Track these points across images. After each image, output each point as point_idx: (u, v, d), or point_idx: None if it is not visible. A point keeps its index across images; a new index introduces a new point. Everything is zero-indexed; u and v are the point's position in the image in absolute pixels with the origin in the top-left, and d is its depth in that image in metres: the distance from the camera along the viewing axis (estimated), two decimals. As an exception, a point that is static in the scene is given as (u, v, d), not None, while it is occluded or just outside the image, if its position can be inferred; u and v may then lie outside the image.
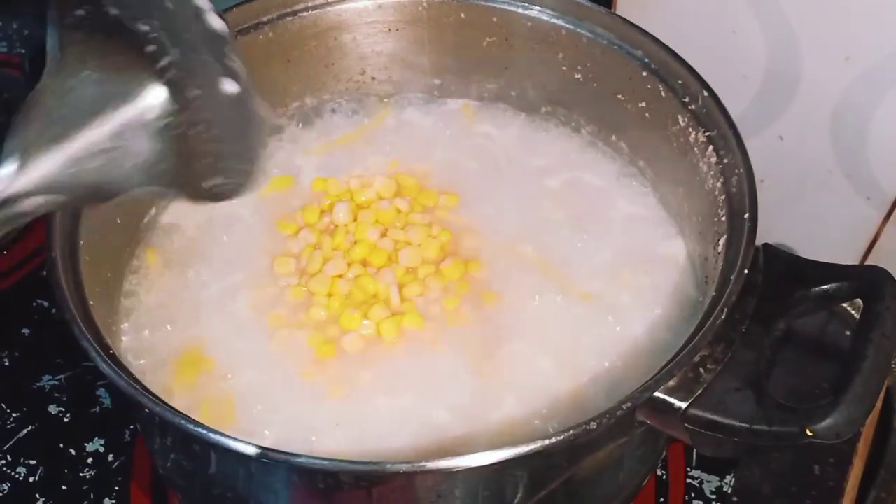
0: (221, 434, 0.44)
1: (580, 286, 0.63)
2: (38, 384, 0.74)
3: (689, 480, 0.71)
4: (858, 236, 0.81)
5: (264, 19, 0.67)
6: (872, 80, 0.70)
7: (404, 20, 0.70)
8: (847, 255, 0.83)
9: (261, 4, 0.67)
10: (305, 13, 0.68)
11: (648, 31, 0.64)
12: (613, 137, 0.70)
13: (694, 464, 0.72)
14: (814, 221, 0.83)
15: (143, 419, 0.57)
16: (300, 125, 0.73)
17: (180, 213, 0.67)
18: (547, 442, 0.44)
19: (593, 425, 0.44)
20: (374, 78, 0.73)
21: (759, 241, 0.85)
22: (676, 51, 0.63)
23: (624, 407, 0.45)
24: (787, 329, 0.79)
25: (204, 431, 0.44)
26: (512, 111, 0.74)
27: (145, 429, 0.60)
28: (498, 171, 0.71)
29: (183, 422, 0.45)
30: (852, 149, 0.75)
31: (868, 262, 0.83)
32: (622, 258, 0.65)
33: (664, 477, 0.71)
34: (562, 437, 0.44)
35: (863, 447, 0.79)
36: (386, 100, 0.74)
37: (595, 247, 0.65)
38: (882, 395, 0.83)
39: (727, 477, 0.71)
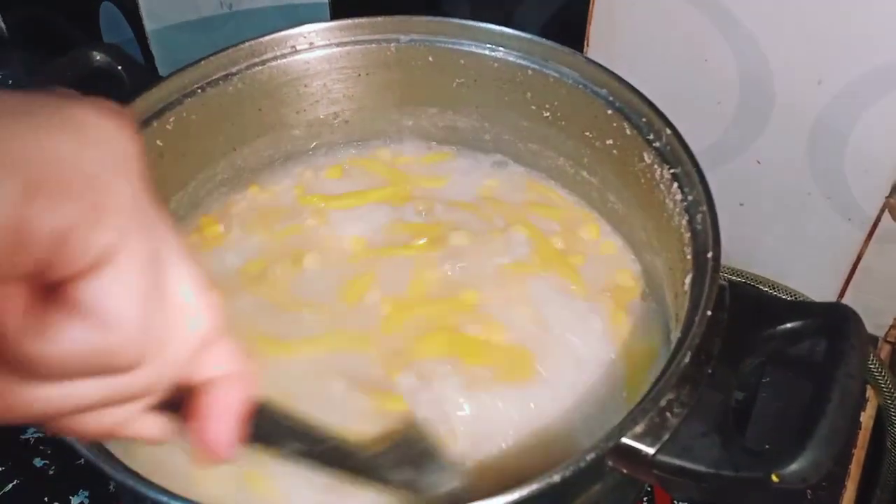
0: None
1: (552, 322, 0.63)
2: (23, 437, 0.74)
3: (676, 513, 0.71)
4: (842, 257, 0.81)
5: (233, 70, 0.68)
6: (845, 102, 0.70)
7: (373, 65, 0.71)
8: (832, 277, 0.82)
9: (229, 56, 0.68)
10: (274, 62, 0.69)
11: (621, 65, 0.65)
12: (584, 174, 0.70)
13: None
14: (796, 243, 0.82)
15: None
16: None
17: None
18: (511, 497, 0.44)
19: (556, 478, 0.44)
20: (346, 122, 0.74)
21: (741, 265, 0.86)
22: (649, 83, 0.63)
23: (588, 458, 0.45)
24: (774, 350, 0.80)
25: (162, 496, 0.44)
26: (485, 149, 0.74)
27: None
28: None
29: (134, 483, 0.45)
30: (830, 170, 0.75)
31: (852, 283, 0.82)
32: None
33: (651, 511, 0.71)
34: (525, 491, 0.44)
35: (855, 469, 0.78)
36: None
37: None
38: (874, 414, 0.83)
39: (715, 508, 0.71)
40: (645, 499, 0.71)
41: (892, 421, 0.81)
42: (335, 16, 0.86)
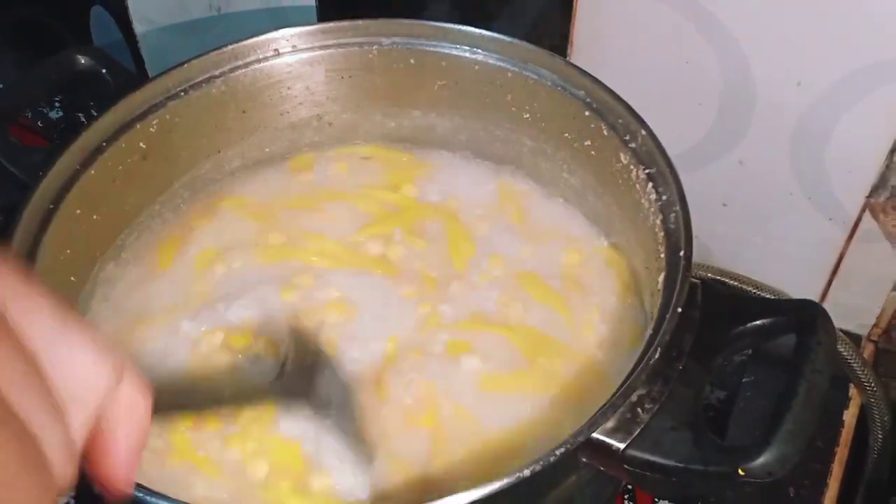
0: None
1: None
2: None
3: (657, 511, 0.71)
4: (824, 257, 0.81)
5: (216, 73, 0.68)
6: (826, 103, 0.71)
7: (355, 67, 0.71)
8: (814, 276, 0.83)
9: (211, 59, 0.68)
10: (257, 65, 0.69)
11: (605, 67, 0.65)
12: (564, 174, 0.70)
13: (661, 494, 0.72)
14: (779, 244, 0.83)
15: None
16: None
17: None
18: (483, 491, 0.44)
19: (527, 472, 0.45)
20: (330, 124, 0.74)
21: (724, 265, 0.86)
22: (632, 84, 0.64)
23: (557, 452, 0.45)
24: (756, 349, 0.80)
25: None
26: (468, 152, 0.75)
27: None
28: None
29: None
30: (812, 171, 0.76)
31: (835, 282, 0.83)
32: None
33: (632, 508, 0.71)
34: (496, 485, 0.44)
35: (837, 468, 0.79)
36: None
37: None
38: (856, 413, 0.83)
39: (696, 505, 0.71)
40: (626, 496, 0.71)
41: (875, 419, 0.81)
42: (322, 18, 0.86)
